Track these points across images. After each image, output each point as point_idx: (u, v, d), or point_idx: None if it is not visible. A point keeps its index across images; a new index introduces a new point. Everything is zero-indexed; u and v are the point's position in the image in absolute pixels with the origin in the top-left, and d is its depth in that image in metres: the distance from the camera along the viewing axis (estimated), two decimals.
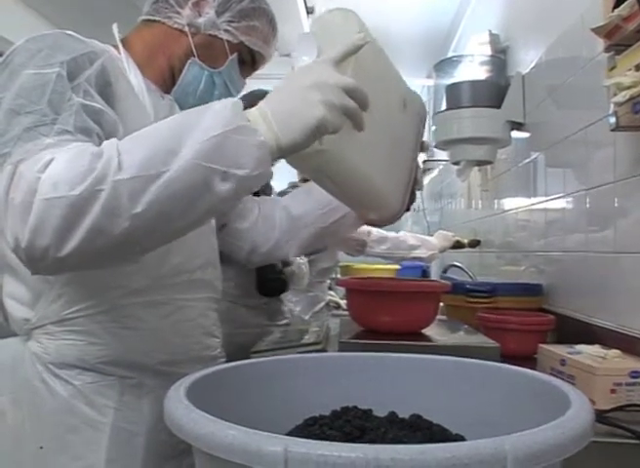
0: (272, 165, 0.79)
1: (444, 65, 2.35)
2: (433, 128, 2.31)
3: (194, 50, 1.06)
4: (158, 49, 1.07)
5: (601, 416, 0.95)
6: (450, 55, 3.18)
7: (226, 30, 1.07)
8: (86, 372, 0.93)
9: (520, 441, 0.44)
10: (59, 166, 0.73)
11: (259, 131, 0.75)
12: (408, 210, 1.12)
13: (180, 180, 0.73)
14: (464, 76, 2.20)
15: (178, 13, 1.06)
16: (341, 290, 2.75)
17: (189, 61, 1.06)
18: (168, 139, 0.75)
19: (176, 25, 1.06)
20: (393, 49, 4.23)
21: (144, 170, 0.72)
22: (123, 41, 1.05)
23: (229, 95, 1.11)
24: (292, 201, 1.31)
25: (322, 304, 2.70)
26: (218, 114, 0.76)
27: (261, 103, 0.78)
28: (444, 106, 2.23)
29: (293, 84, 0.79)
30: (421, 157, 1.45)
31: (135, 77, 1.00)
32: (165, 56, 1.07)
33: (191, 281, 1.05)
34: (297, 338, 1.25)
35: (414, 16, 3.58)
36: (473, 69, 2.21)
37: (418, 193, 1.19)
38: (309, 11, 3.19)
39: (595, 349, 1.16)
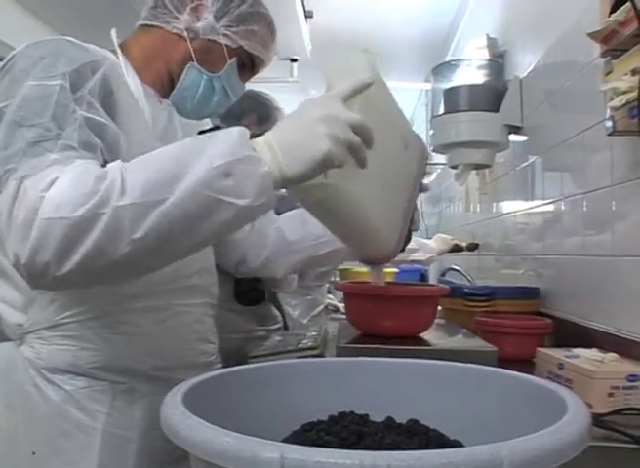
0: (275, 194, 0.78)
1: (442, 69, 2.36)
2: (431, 131, 2.31)
3: (193, 54, 1.06)
4: (156, 54, 1.06)
5: (599, 420, 0.95)
6: (448, 58, 3.18)
7: (225, 35, 1.06)
8: (78, 378, 0.93)
9: (517, 447, 0.44)
10: (62, 185, 0.73)
11: (263, 160, 0.75)
12: (403, 250, 1.11)
13: (182, 207, 0.73)
14: (462, 80, 2.20)
15: (176, 18, 1.05)
16: (340, 293, 2.75)
17: (188, 66, 1.06)
18: (172, 165, 0.75)
19: (174, 30, 1.06)
20: (391, 53, 4.25)
21: (147, 195, 0.73)
22: (121, 46, 1.05)
23: (228, 99, 1.12)
24: (287, 224, 1.31)
25: (320, 308, 2.70)
26: (224, 142, 0.76)
27: (269, 133, 0.78)
28: (442, 110, 2.23)
29: (301, 116, 0.79)
30: (420, 198, 1.44)
31: (133, 82, 1.01)
32: (163, 60, 1.07)
33: (188, 286, 1.05)
34: (294, 343, 1.25)
35: (412, 20, 3.58)
36: (471, 73, 2.21)
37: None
38: (308, 15, 3.20)
39: (593, 353, 1.16)
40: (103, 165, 0.81)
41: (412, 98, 5.17)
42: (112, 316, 0.95)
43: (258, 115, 1.97)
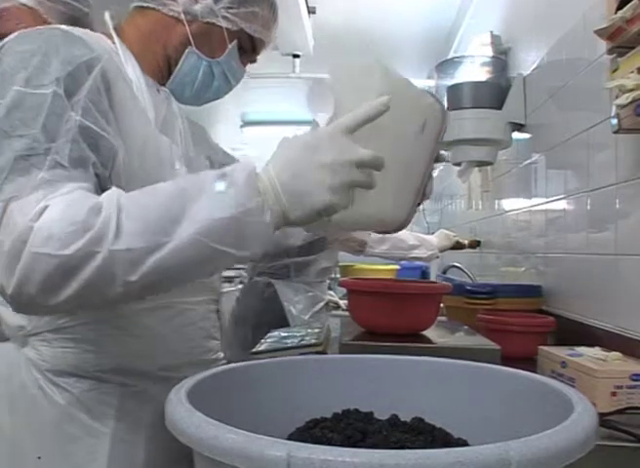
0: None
1: (445, 66, 2.35)
2: None
3: (191, 39, 1.00)
4: (153, 38, 1.01)
5: (602, 419, 0.94)
6: (451, 55, 3.18)
7: (225, 17, 1.01)
8: (84, 380, 0.90)
9: (525, 446, 0.44)
10: (52, 216, 0.69)
11: (267, 210, 0.73)
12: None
13: (180, 255, 0.71)
14: (466, 77, 2.20)
15: (175, 0, 1.00)
16: (341, 289, 2.75)
17: (187, 51, 1.01)
18: (172, 208, 0.72)
19: (171, 13, 1.00)
20: (394, 49, 4.24)
21: (144, 241, 0.70)
22: (116, 29, 1.00)
23: (229, 85, 1.08)
24: None
25: (322, 304, 2.70)
26: (229, 189, 0.72)
27: (274, 172, 0.75)
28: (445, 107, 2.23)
29: (306, 156, 0.75)
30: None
31: (132, 70, 0.95)
32: (160, 45, 1.01)
33: (193, 283, 0.98)
34: (297, 340, 1.25)
35: (415, 16, 3.57)
36: (474, 70, 2.20)
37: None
38: (311, 11, 3.18)
39: (596, 351, 1.15)
40: (96, 182, 0.78)
41: None
42: (117, 318, 0.91)
43: None
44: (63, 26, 0.86)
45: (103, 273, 0.69)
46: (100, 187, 0.79)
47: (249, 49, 1.07)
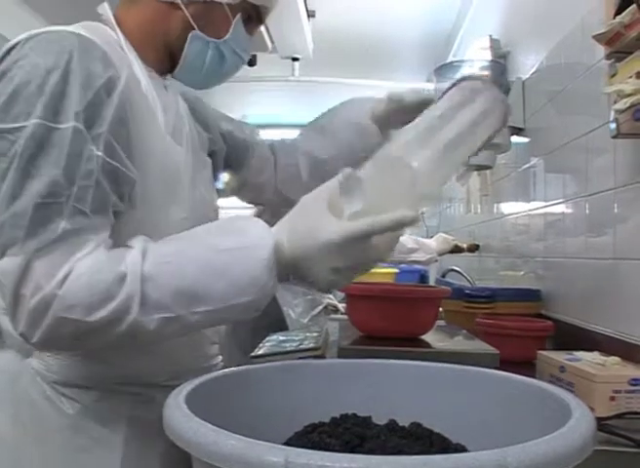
0: None
1: (444, 70, 2.34)
2: None
3: (192, 22, 0.92)
4: (150, 28, 0.94)
5: (600, 424, 0.94)
6: (450, 59, 3.18)
7: None
8: (93, 391, 0.88)
9: (523, 452, 0.44)
10: (77, 285, 0.71)
11: (277, 284, 0.77)
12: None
13: (200, 324, 0.78)
14: None
15: None
16: (339, 293, 2.74)
17: (190, 36, 0.93)
18: (195, 284, 0.74)
19: None
20: (393, 53, 4.24)
21: (167, 312, 0.73)
22: (116, 18, 0.93)
23: (240, 60, 1.01)
24: (311, 144, 1.21)
25: (320, 308, 2.70)
26: (250, 271, 0.75)
27: (294, 254, 0.75)
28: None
29: (323, 256, 0.74)
30: None
31: (139, 70, 0.90)
32: (160, 35, 0.94)
33: None
34: (296, 344, 1.25)
35: (414, 20, 3.58)
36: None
37: None
38: (310, 14, 3.19)
39: (594, 356, 1.15)
40: (112, 221, 0.80)
41: None
42: None
43: None
44: (78, 30, 0.82)
45: (127, 335, 0.74)
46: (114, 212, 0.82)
47: (254, 18, 1.00)
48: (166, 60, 0.97)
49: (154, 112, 0.89)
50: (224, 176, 1.21)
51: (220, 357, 1.09)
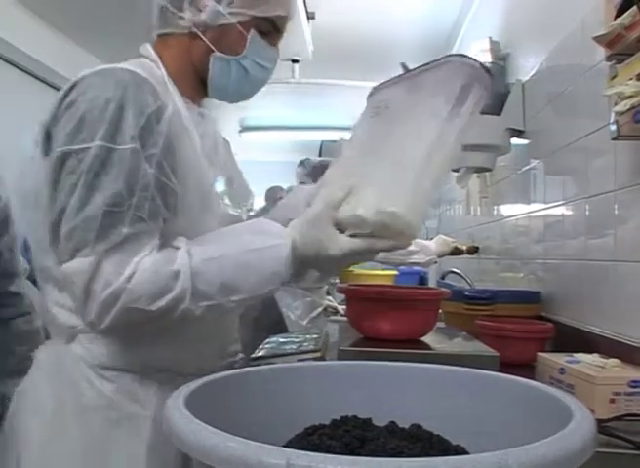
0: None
1: None
2: None
3: (211, 46, 1.05)
4: (181, 60, 1.07)
5: (600, 426, 0.94)
6: None
7: (232, 13, 1.04)
8: (128, 373, 1.00)
9: (523, 454, 0.44)
10: (141, 280, 0.88)
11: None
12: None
13: (234, 309, 0.96)
14: None
15: (181, 17, 1.05)
16: (339, 294, 2.75)
17: (211, 57, 1.06)
18: (234, 278, 0.92)
19: (185, 31, 1.05)
20: (393, 55, 4.24)
21: (212, 301, 0.91)
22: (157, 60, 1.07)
23: (264, 70, 1.11)
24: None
25: (320, 310, 2.70)
26: (275, 267, 0.94)
27: (305, 254, 0.94)
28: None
29: (328, 263, 0.95)
30: None
31: (179, 102, 1.02)
32: (189, 65, 1.08)
33: None
34: (296, 346, 1.25)
35: (414, 22, 3.58)
36: None
37: None
38: (310, 16, 3.19)
39: (594, 358, 1.15)
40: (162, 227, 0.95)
41: None
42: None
43: None
44: (130, 67, 0.96)
45: (178, 319, 0.91)
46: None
47: (272, 29, 1.09)
48: (199, 88, 1.11)
49: (192, 139, 1.02)
50: None
51: (241, 354, 1.20)
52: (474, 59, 0.94)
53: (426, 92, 0.96)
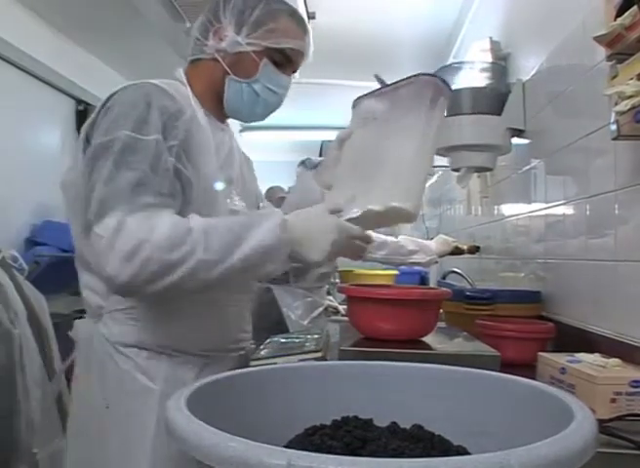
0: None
1: (445, 72, 2.35)
2: None
3: (228, 70, 1.22)
4: (206, 82, 1.25)
5: (601, 426, 0.94)
6: (450, 61, 3.18)
7: (249, 43, 1.20)
8: (143, 350, 1.16)
9: (525, 454, 0.43)
10: (162, 232, 1.00)
11: (288, 246, 1.08)
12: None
13: (240, 265, 1.04)
14: (465, 83, 2.20)
15: (206, 45, 1.23)
16: (340, 294, 2.74)
17: (227, 80, 1.23)
18: (235, 237, 1.04)
19: (209, 56, 1.23)
20: (393, 55, 4.24)
21: (219, 255, 1.02)
22: (188, 82, 1.24)
23: (276, 95, 1.27)
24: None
25: (320, 309, 2.70)
26: (271, 229, 1.06)
27: (296, 232, 1.09)
28: (444, 113, 2.23)
29: (320, 236, 1.11)
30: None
31: (201, 116, 1.19)
32: (212, 86, 1.25)
33: (237, 286, 1.28)
34: (297, 346, 1.25)
35: (414, 22, 3.58)
36: (474, 76, 2.21)
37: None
38: (310, 16, 3.19)
39: (595, 358, 1.15)
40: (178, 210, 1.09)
41: None
42: (171, 306, 1.16)
43: None
44: (156, 82, 1.14)
45: (191, 273, 1.01)
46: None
47: (285, 60, 1.25)
48: (220, 107, 1.28)
49: (209, 146, 1.19)
50: None
51: (249, 343, 1.35)
52: (437, 76, 1.24)
53: (406, 103, 1.23)
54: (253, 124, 1.71)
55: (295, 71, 1.31)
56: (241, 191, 1.31)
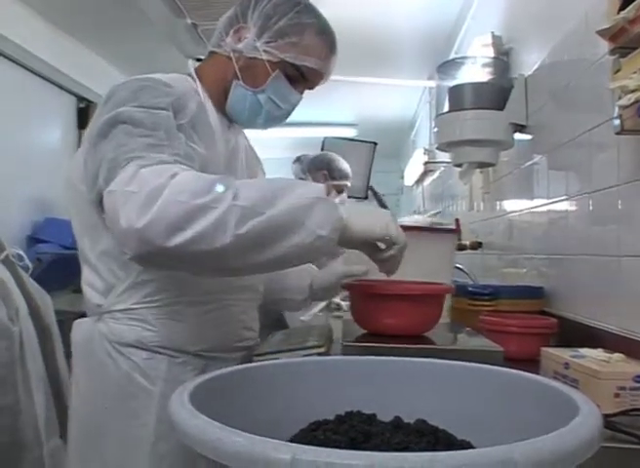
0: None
1: (447, 67, 2.35)
2: (435, 129, 2.30)
3: (238, 73, 1.18)
4: (217, 77, 1.21)
5: (605, 421, 0.94)
6: (452, 56, 3.17)
7: (266, 51, 1.15)
8: (142, 351, 1.13)
9: (530, 448, 0.43)
10: (185, 178, 0.91)
11: (340, 208, 0.96)
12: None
13: (276, 221, 0.90)
14: (467, 78, 2.19)
15: (224, 41, 1.19)
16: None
17: (233, 84, 1.19)
18: (274, 190, 0.93)
19: (224, 53, 1.19)
20: (395, 50, 4.23)
21: (254, 205, 0.90)
22: (197, 71, 1.22)
23: (279, 109, 1.22)
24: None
25: (323, 305, 2.69)
26: (312, 185, 0.97)
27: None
28: (446, 108, 2.23)
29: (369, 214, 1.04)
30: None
31: (210, 111, 1.17)
32: (222, 81, 1.20)
33: (239, 286, 1.23)
34: (300, 341, 1.25)
35: (415, 17, 3.57)
36: (476, 71, 2.20)
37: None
38: None
39: (599, 353, 1.15)
40: None
41: (415, 96, 5.16)
42: (172, 306, 1.14)
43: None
44: (154, 75, 1.10)
45: (220, 221, 0.88)
46: None
47: (298, 77, 1.19)
48: (224, 103, 1.22)
49: (213, 135, 1.16)
50: None
51: (255, 341, 1.32)
52: None
53: None
54: None
55: (311, 88, 1.25)
56: None
